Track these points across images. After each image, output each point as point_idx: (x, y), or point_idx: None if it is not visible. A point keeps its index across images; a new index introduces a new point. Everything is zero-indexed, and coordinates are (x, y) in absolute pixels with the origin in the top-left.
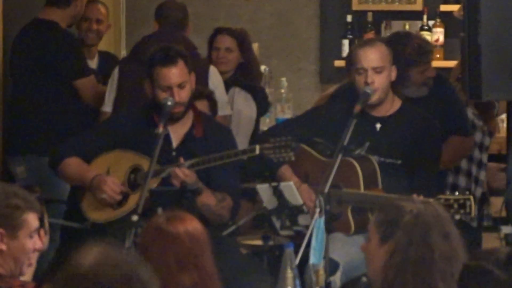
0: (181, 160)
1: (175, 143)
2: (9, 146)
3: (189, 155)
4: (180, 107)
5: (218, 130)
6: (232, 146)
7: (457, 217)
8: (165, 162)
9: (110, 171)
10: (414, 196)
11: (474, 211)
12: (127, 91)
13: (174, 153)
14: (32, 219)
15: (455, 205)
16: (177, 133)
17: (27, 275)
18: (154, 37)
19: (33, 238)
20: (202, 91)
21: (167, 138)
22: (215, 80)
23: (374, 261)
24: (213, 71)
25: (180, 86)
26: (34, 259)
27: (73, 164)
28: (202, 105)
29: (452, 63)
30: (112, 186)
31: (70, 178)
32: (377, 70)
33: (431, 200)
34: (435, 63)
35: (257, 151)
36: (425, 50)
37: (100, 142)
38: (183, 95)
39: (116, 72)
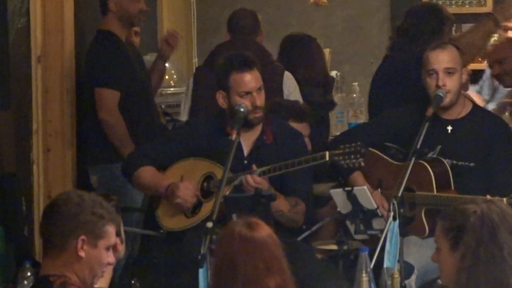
0: (254, 167)
1: (246, 150)
2: (85, 156)
3: (261, 162)
4: (260, 112)
5: (289, 135)
6: (303, 150)
7: None
8: (237, 170)
9: (184, 179)
10: (488, 197)
11: None
12: (202, 100)
13: (246, 161)
14: (112, 232)
15: None
16: (247, 141)
17: (100, 283)
18: (227, 46)
19: (109, 252)
20: (300, 114)
21: (239, 146)
22: (290, 85)
23: (446, 268)
24: (288, 76)
25: (258, 90)
26: (108, 273)
27: (148, 173)
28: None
29: None
30: (185, 189)
31: (145, 187)
32: (449, 72)
33: (496, 198)
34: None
35: (327, 158)
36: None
37: (173, 150)
38: (263, 99)
39: (191, 81)
